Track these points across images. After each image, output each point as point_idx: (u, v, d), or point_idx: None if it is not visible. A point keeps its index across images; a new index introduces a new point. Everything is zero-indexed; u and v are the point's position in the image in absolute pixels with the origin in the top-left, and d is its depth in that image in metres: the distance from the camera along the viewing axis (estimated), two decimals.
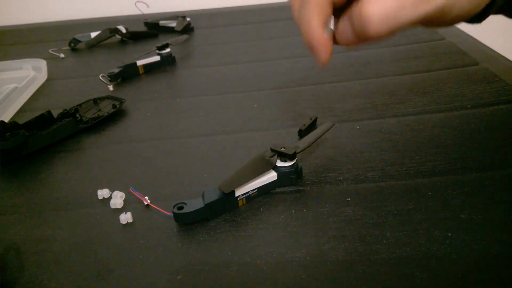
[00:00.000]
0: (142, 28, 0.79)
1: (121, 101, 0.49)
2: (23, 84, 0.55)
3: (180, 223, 0.31)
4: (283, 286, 0.26)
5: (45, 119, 0.44)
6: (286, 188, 0.34)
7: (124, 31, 0.72)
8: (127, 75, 0.58)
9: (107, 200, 0.35)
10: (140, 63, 0.59)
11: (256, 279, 0.27)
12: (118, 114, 0.48)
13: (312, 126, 0.42)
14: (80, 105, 0.49)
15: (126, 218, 0.32)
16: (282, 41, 0.67)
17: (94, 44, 0.72)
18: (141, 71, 0.59)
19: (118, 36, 0.73)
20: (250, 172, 0.32)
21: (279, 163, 0.34)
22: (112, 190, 0.35)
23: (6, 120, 0.48)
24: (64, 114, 0.45)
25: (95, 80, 0.57)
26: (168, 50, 0.61)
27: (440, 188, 0.32)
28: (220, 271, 0.27)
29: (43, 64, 0.61)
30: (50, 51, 0.69)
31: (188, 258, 0.29)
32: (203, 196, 0.31)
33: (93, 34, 0.72)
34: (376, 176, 0.34)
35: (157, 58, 0.60)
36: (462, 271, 0.26)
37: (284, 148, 0.34)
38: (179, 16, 0.76)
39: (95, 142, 0.44)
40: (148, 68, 0.60)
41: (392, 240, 0.28)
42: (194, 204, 0.31)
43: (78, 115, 0.46)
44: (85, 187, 0.37)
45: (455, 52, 0.56)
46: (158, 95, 0.53)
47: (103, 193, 0.35)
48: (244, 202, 0.33)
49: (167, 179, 0.37)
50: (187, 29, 0.75)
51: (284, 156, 0.34)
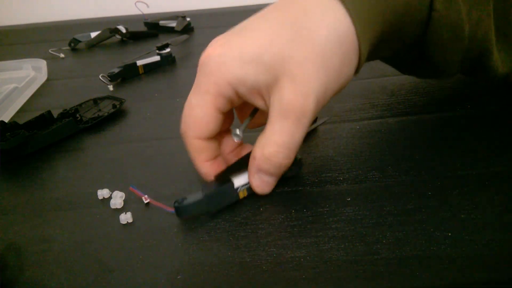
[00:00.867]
0: (142, 28, 0.79)
1: (121, 101, 0.49)
2: (23, 84, 0.55)
3: (182, 217, 0.31)
4: (283, 286, 0.26)
5: (45, 119, 0.44)
6: (286, 188, 0.34)
7: (124, 31, 0.72)
8: (127, 75, 0.58)
9: (107, 200, 0.35)
10: (140, 63, 0.59)
11: (256, 279, 0.27)
12: (118, 114, 0.48)
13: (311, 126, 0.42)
14: (80, 105, 0.49)
15: (126, 218, 0.32)
16: None
17: (94, 44, 0.72)
18: (141, 71, 0.59)
19: (118, 36, 0.73)
20: (248, 163, 0.32)
21: None
22: (112, 190, 0.35)
23: (6, 120, 0.48)
24: (64, 114, 0.45)
25: (95, 80, 0.57)
26: (168, 50, 0.61)
27: (440, 188, 0.32)
28: (220, 271, 0.27)
29: (43, 64, 0.61)
30: (50, 51, 0.69)
31: (188, 258, 0.29)
32: (202, 189, 0.32)
33: (93, 34, 0.72)
34: (376, 176, 0.34)
35: (157, 58, 0.60)
36: (462, 271, 0.26)
37: None
38: (179, 16, 0.76)
39: (95, 142, 0.44)
40: (148, 68, 0.60)
41: (392, 240, 0.28)
42: (194, 197, 0.31)
43: (78, 115, 0.46)
44: (85, 187, 0.37)
45: None
46: (158, 95, 0.53)
47: (103, 193, 0.35)
48: (246, 195, 0.33)
49: (167, 179, 0.37)
50: (187, 29, 0.75)
51: None
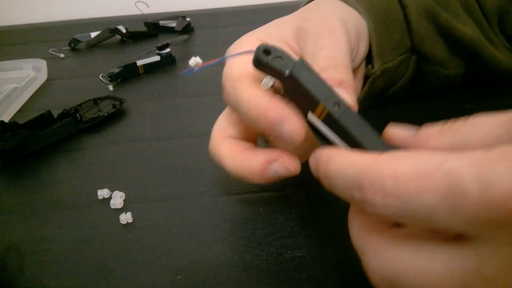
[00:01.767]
0: (142, 28, 0.79)
1: (121, 101, 0.49)
2: (23, 84, 0.55)
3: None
4: (283, 286, 0.26)
5: (45, 119, 0.44)
6: (287, 188, 0.34)
7: (124, 31, 0.72)
8: (127, 75, 0.58)
9: (107, 200, 0.35)
10: (140, 63, 0.59)
11: (256, 279, 0.27)
12: (118, 114, 0.48)
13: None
14: (80, 105, 0.49)
15: (126, 218, 0.32)
16: None
17: (94, 44, 0.72)
18: (141, 71, 0.59)
19: (118, 36, 0.73)
20: None
21: None
22: (112, 190, 0.35)
23: (6, 120, 0.48)
24: (64, 114, 0.45)
25: (95, 80, 0.57)
26: (168, 50, 0.61)
27: None
28: (220, 271, 0.27)
29: (43, 64, 0.61)
30: (50, 51, 0.69)
31: (188, 258, 0.29)
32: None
33: (93, 34, 0.72)
34: None
35: (157, 58, 0.60)
36: None
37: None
38: (179, 16, 0.76)
39: (95, 142, 0.44)
40: (148, 68, 0.60)
41: None
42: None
43: (78, 115, 0.46)
44: (85, 187, 0.37)
45: None
46: (158, 95, 0.53)
47: (103, 193, 0.35)
48: None
49: (167, 179, 0.37)
50: (187, 29, 0.75)
51: None
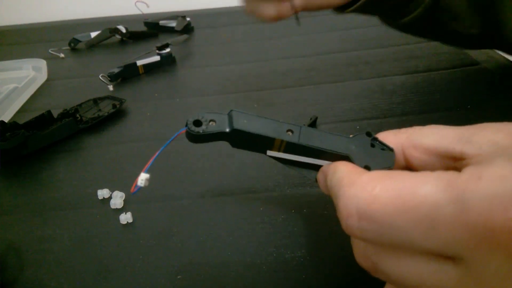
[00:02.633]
0: (142, 28, 0.79)
1: (121, 101, 0.49)
2: (23, 84, 0.55)
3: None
4: (283, 286, 0.26)
5: (45, 119, 0.44)
6: (287, 189, 0.34)
7: (124, 31, 0.72)
8: (127, 75, 0.58)
9: (107, 200, 0.35)
10: (140, 63, 0.59)
11: (256, 279, 0.27)
12: (118, 114, 0.48)
13: (312, 126, 0.42)
14: (80, 105, 0.49)
15: (126, 218, 0.32)
16: (282, 41, 0.67)
17: (94, 44, 0.72)
18: (141, 71, 0.59)
19: (118, 36, 0.73)
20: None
21: None
22: (112, 190, 0.35)
23: (6, 120, 0.48)
24: (64, 114, 0.45)
25: (95, 80, 0.57)
26: (168, 50, 0.61)
27: None
28: (220, 271, 0.27)
29: (43, 64, 0.61)
30: (50, 51, 0.69)
31: (188, 258, 0.29)
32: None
33: (93, 34, 0.72)
34: None
35: (157, 58, 0.60)
36: None
37: None
38: (179, 16, 0.76)
39: (95, 142, 0.44)
40: (148, 68, 0.60)
41: None
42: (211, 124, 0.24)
43: (78, 115, 0.46)
44: (85, 187, 0.37)
45: (455, 52, 0.56)
46: (158, 95, 0.53)
47: (103, 193, 0.35)
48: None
49: (167, 179, 0.37)
50: (187, 29, 0.75)
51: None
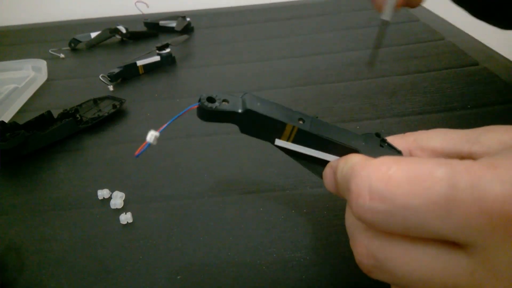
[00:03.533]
0: (142, 28, 0.79)
1: (121, 101, 0.49)
2: (23, 84, 0.55)
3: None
4: (283, 286, 0.26)
5: (45, 119, 0.44)
6: (287, 189, 0.34)
7: (124, 31, 0.72)
8: (127, 75, 0.58)
9: (107, 200, 0.35)
10: (140, 63, 0.59)
11: (256, 279, 0.27)
12: (118, 114, 0.48)
13: None
14: (80, 105, 0.49)
15: (126, 218, 0.32)
16: (282, 41, 0.67)
17: (94, 44, 0.72)
18: (141, 71, 0.59)
19: (118, 36, 0.73)
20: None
21: None
22: (112, 190, 0.35)
23: (6, 120, 0.48)
24: (64, 114, 0.45)
25: (95, 80, 0.57)
26: (168, 50, 0.61)
27: None
28: (220, 271, 0.27)
29: (43, 64, 0.61)
30: (50, 51, 0.69)
31: (188, 258, 0.29)
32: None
33: (93, 34, 0.72)
34: None
35: (157, 58, 0.60)
36: None
37: None
38: (179, 16, 0.76)
39: (95, 142, 0.44)
40: (148, 68, 0.60)
41: None
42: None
43: (78, 115, 0.46)
44: (85, 187, 0.37)
45: (455, 52, 0.56)
46: (158, 95, 0.53)
47: (103, 193, 0.35)
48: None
49: (167, 179, 0.37)
50: (187, 29, 0.75)
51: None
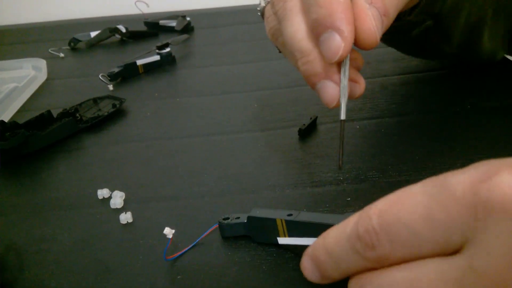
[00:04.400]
0: (142, 27, 0.79)
1: (121, 100, 0.49)
2: (23, 83, 0.55)
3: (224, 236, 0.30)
4: (283, 286, 0.26)
5: (45, 119, 0.44)
6: (287, 188, 0.34)
7: (124, 30, 0.72)
8: (127, 74, 0.58)
9: (107, 200, 0.35)
10: (140, 62, 0.59)
11: (256, 279, 0.27)
12: (118, 114, 0.48)
13: (312, 126, 0.42)
14: (80, 104, 0.49)
15: (126, 218, 0.32)
16: None
17: (94, 44, 0.72)
18: (141, 70, 0.59)
19: (118, 36, 0.73)
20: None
21: None
22: (112, 190, 0.35)
23: (6, 120, 0.48)
24: (64, 114, 0.45)
25: (95, 80, 0.56)
26: (168, 49, 0.61)
27: None
28: (220, 271, 0.27)
29: (43, 63, 0.61)
30: (50, 50, 0.69)
31: (188, 258, 0.29)
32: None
33: (93, 34, 0.72)
34: (376, 176, 0.34)
35: (157, 58, 0.60)
36: None
37: None
38: (179, 15, 0.76)
39: (95, 142, 0.44)
40: (148, 67, 0.60)
41: None
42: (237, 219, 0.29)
43: (78, 115, 0.46)
44: (85, 187, 0.37)
45: None
46: (158, 95, 0.53)
47: (103, 193, 0.35)
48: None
49: (167, 179, 0.37)
50: (187, 28, 0.75)
51: None
